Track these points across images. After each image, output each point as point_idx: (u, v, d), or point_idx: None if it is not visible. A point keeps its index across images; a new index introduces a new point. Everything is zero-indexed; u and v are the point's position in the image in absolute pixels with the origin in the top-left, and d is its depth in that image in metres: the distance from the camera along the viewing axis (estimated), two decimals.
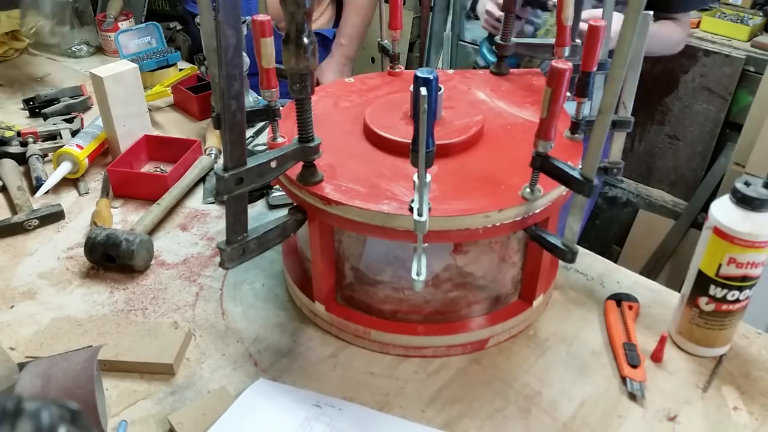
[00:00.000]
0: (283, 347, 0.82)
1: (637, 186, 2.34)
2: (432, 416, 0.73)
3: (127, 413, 0.73)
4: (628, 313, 0.84)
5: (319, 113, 0.86)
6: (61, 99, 1.41)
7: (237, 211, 0.68)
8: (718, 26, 2.08)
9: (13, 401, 0.32)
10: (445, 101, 0.83)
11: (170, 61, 1.55)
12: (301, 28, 0.63)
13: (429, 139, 0.64)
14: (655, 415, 0.73)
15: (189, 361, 0.80)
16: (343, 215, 0.71)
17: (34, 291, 0.91)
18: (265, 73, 0.77)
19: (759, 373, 0.78)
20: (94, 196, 1.13)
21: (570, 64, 0.62)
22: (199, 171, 1.15)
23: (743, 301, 0.75)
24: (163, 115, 1.43)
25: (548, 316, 0.87)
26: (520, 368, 0.79)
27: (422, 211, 0.63)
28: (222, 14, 0.56)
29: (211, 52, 0.77)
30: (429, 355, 0.80)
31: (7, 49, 1.70)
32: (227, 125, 0.62)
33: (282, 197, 1.08)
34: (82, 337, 0.81)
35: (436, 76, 0.63)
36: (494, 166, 0.77)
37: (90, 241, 0.93)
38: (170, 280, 0.93)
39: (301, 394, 0.74)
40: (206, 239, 1.02)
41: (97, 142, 1.20)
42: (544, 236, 0.73)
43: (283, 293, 0.91)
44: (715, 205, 0.73)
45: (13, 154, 1.20)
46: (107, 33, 1.70)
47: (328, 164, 0.76)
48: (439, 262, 0.76)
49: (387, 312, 0.81)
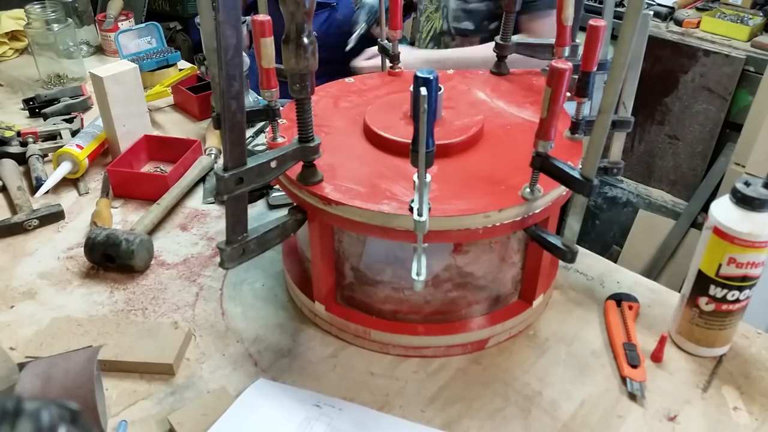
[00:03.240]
0: (283, 347, 0.82)
1: (637, 186, 2.34)
2: (432, 416, 0.73)
3: (127, 413, 0.73)
4: (628, 313, 0.84)
5: (319, 113, 0.86)
6: (61, 99, 1.41)
7: (237, 211, 0.68)
8: (718, 26, 2.08)
9: (13, 401, 0.32)
10: (445, 101, 0.83)
11: (170, 61, 1.55)
12: (301, 28, 0.63)
13: (429, 139, 0.64)
14: (655, 415, 0.73)
15: (189, 361, 0.80)
16: (343, 215, 0.71)
17: (34, 291, 0.91)
18: (265, 73, 0.77)
19: (759, 373, 0.78)
20: (94, 196, 1.13)
21: (570, 64, 0.62)
22: (199, 171, 1.15)
23: (743, 301, 0.75)
24: (163, 115, 1.43)
25: (548, 316, 0.87)
26: (520, 368, 0.79)
27: (422, 211, 0.63)
28: (222, 14, 0.56)
29: (211, 52, 0.77)
30: (429, 355, 0.80)
31: (7, 49, 1.70)
32: (227, 125, 0.62)
33: (282, 197, 1.08)
34: (82, 337, 0.81)
35: (436, 76, 0.63)
36: (494, 166, 0.77)
37: (90, 241, 0.93)
38: (170, 280, 0.93)
39: (301, 394, 0.74)
40: (206, 239, 1.02)
41: (97, 142, 1.20)
42: (544, 236, 0.73)
43: (283, 293, 0.91)
44: (715, 205, 0.73)
45: (13, 154, 1.20)
46: (107, 33, 1.70)
47: (328, 164, 0.76)
48: (439, 262, 0.76)
49: (387, 312, 0.81)
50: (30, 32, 1.52)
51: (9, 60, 1.70)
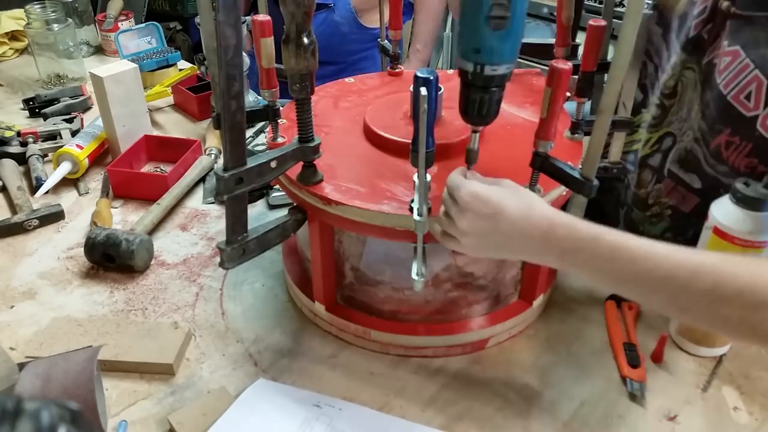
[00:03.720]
0: (283, 347, 0.82)
1: None
2: (432, 416, 0.73)
3: (127, 413, 0.73)
4: (628, 313, 0.84)
5: (319, 113, 0.86)
6: (61, 99, 1.41)
7: (237, 211, 0.68)
8: None
9: (13, 401, 0.32)
10: (445, 101, 0.83)
11: (170, 61, 1.55)
12: (301, 28, 0.63)
13: (429, 139, 0.64)
14: (655, 415, 0.73)
15: (189, 361, 0.80)
16: (343, 215, 0.71)
17: (34, 291, 0.91)
18: (265, 73, 0.77)
19: (759, 373, 0.78)
20: (94, 196, 1.12)
21: (570, 64, 0.62)
22: (199, 171, 1.15)
23: None
24: (163, 115, 1.43)
25: (548, 316, 0.87)
26: (520, 368, 0.79)
27: (422, 211, 0.63)
28: (222, 14, 0.56)
29: (211, 52, 0.77)
30: (429, 355, 0.80)
31: (7, 49, 1.70)
32: (227, 125, 0.62)
33: (282, 197, 1.08)
34: (82, 337, 0.81)
35: (436, 76, 0.63)
36: (494, 166, 0.77)
37: (90, 241, 0.93)
38: (170, 280, 0.93)
39: (301, 394, 0.74)
40: (206, 239, 1.02)
41: (97, 142, 1.20)
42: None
43: (283, 293, 0.91)
44: (715, 205, 0.73)
45: (13, 154, 1.20)
46: (107, 33, 1.70)
47: (328, 164, 0.76)
48: (439, 262, 0.76)
49: (387, 312, 0.81)
50: (30, 32, 1.52)
51: (9, 60, 1.70)
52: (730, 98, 0.72)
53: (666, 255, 0.56)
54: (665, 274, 0.55)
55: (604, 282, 0.60)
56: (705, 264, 0.55)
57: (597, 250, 0.57)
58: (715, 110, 0.74)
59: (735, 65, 0.71)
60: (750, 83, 0.70)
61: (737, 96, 0.71)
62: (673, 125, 0.82)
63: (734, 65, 0.71)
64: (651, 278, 0.56)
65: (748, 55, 0.70)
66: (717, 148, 0.76)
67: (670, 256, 0.55)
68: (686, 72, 0.79)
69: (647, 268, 0.56)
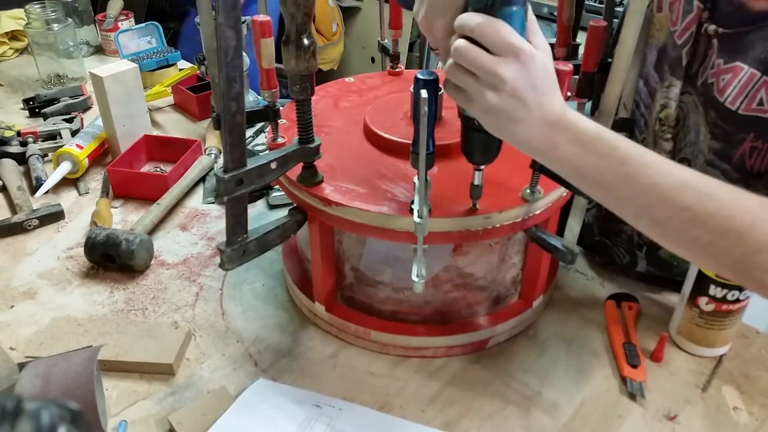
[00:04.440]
0: (283, 347, 0.82)
1: None
2: (432, 416, 0.73)
3: (127, 413, 0.73)
4: (628, 313, 0.84)
5: (319, 113, 0.86)
6: (61, 99, 1.41)
7: (237, 212, 0.68)
8: None
9: (13, 401, 0.32)
10: (445, 101, 0.83)
11: (170, 61, 1.55)
12: (301, 29, 0.63)
13: (429, 141, 0.64)
14: (655, 415, 0.73)
15: (189, 361, 0.80)
16: (343, 216, 0.71)
17: (34, 291, 0.91)
18: (265, 74, 0.77)
19: (759, 373, 0.78)
20: (94, 196, 1.13)
21: (570, 65, 0.62)
22: (199, 171, 1.15)
23: (743, 301, 0.75)
24: (163, 115, 1.43)
25: (548, 316, 0.87)
26: (520, 368, 0.79)
27: (422, 213, 0.63)
28: (222, 16, 0.56)
29: (211, 53, 0.77)
30: (429, 356, 0.80)
31: (7, 49, 1.70)
32: (227, 127, 0.62)
33: (282, 197, 1.08)
34: (82, 337, 0.81)
35: (436, 78, 0.63)
36: (494, 167, 0.77)
37: (90, 241, 0.93)
38: (170, 280, 0.93)
39: (301, 394, 0.74)
40: (206, 239, 1.02)
41: (97, 142, 1.20)
42: (544, 237, 0.73)
43: (283, 293, 0.91)
44: None
45: (13, 154, 1.20)
46: (107, 33, 1.70)
47: (328, 165, 0.76)
48: (439, 263, 0.76)
49: (387, 313, 0.81)
50: (30, 32, 1.51)
51: (9, 60, 1.70)
52: (741, 111, 0.71)
53: (654, 161, 0.55)
54: (650, 180, 0.54)
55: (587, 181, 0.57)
56: (690, 180, 0.54)
57: (596, 143, 0.55)
58: (729, 126, 0.73)
59: (739, 79, 0.70)
60: (759, 90, 0.69)
61: (748, 106, 0.70)
62: (684, 150, 0.81)
63: (738, 80, 0.70)
64: (636, 182, 0.54)
65: (751, 66, 0.69)
66: (740, 158, 0.74)
67: (658, 163, 0.55)
68: (683, 97, 0.78)
69: (635, 171, 0.54)
